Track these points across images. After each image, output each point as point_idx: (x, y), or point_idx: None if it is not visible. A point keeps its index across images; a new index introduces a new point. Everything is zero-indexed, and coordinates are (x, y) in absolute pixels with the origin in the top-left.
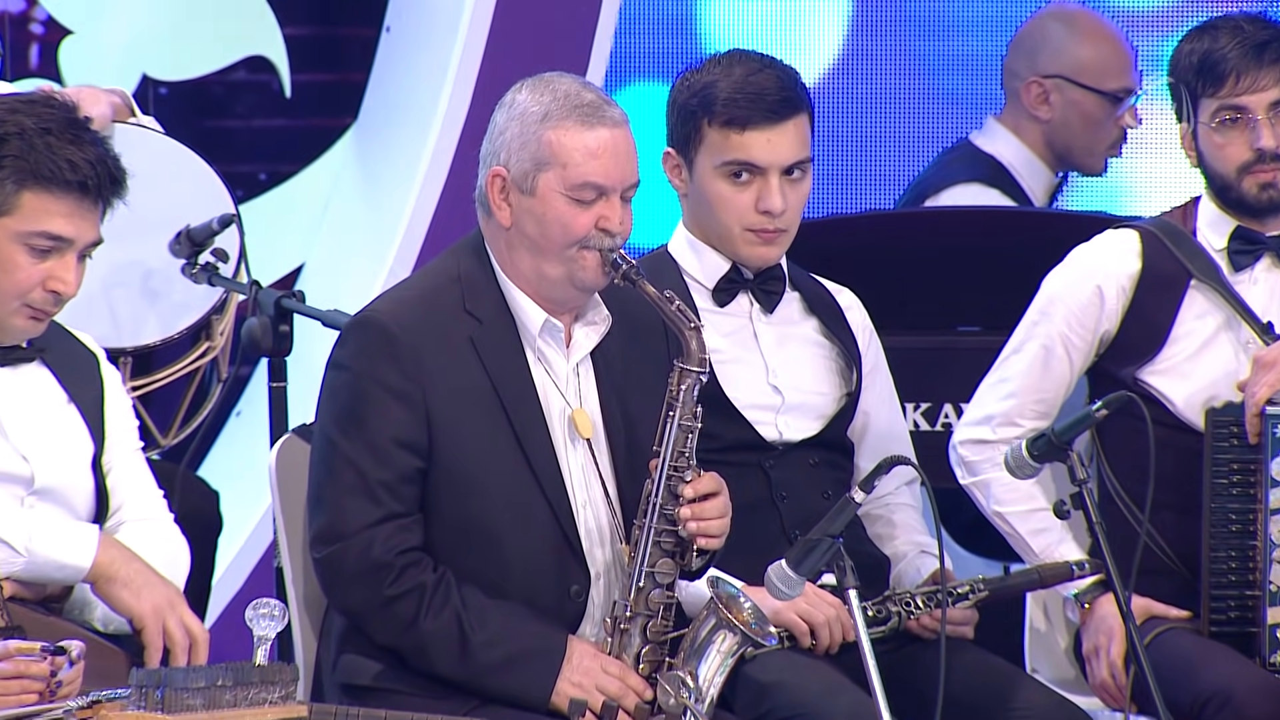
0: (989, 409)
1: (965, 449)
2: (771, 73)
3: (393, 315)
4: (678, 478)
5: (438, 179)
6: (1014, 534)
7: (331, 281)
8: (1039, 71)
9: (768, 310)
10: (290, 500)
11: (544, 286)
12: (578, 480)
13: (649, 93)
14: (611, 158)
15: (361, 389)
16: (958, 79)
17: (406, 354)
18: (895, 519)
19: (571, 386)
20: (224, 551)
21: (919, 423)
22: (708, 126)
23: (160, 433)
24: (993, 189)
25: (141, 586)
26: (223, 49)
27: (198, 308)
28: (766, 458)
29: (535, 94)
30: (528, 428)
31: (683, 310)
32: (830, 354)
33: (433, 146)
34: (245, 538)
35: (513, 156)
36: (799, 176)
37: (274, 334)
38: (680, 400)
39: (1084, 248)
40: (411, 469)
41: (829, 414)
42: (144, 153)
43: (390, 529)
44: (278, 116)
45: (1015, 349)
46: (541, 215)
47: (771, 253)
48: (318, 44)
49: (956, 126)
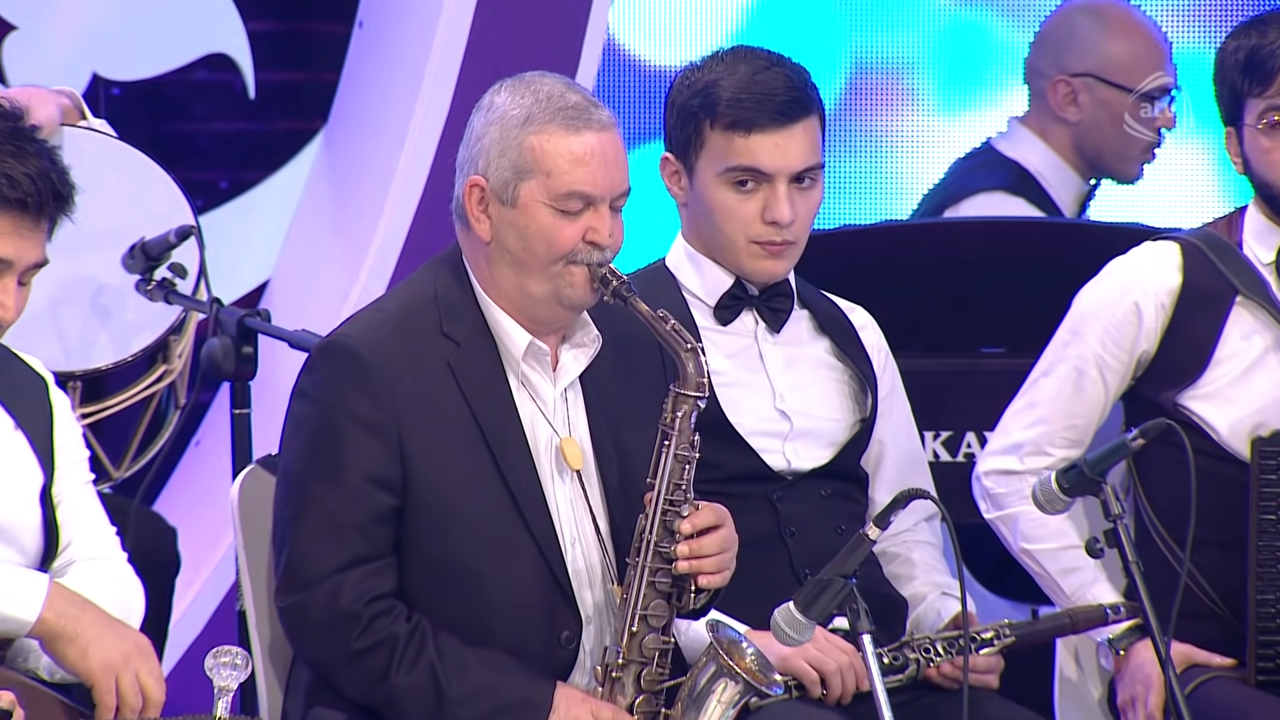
0: (1016, 437)
1: (990, 481)
2: (779, 71)
3: (364, 339)
4: (674, 512)
5: (414, 188)
6: (1043, 574)
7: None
8: (1066, 69)
9: (774, 329)
10: (254, 538)
11: (528, 305)
12: (566, 516)
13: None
14: (599, 164)
15: (330, 421)
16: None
17: (379, 382)
18: (914, 557)
19: (559, 414)
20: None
21: (939, 453)
22: (710, 129)
23: (112, 464)
24: (1017, 197)
25: (91, 643)
26: (181, 46)
27: (153, 328)
28: (773, 489)
29: (515, 96)
30: (511, 459)
31: (678, 330)
32: (842, 377)
33: (409, 152)
34: (205, 579)
35: (492, 164)
36: (809, 184)
37: (236, 356)
38: (676, 428)
39: (1119, 261)
40: (385, 508)
41: (841, 442)
42: (95, 159)
43: (359, 575)
44: (241, 119)
45: (1044, 372)
46: (524, 228)
47: (779, 267)
48: (284, 40)
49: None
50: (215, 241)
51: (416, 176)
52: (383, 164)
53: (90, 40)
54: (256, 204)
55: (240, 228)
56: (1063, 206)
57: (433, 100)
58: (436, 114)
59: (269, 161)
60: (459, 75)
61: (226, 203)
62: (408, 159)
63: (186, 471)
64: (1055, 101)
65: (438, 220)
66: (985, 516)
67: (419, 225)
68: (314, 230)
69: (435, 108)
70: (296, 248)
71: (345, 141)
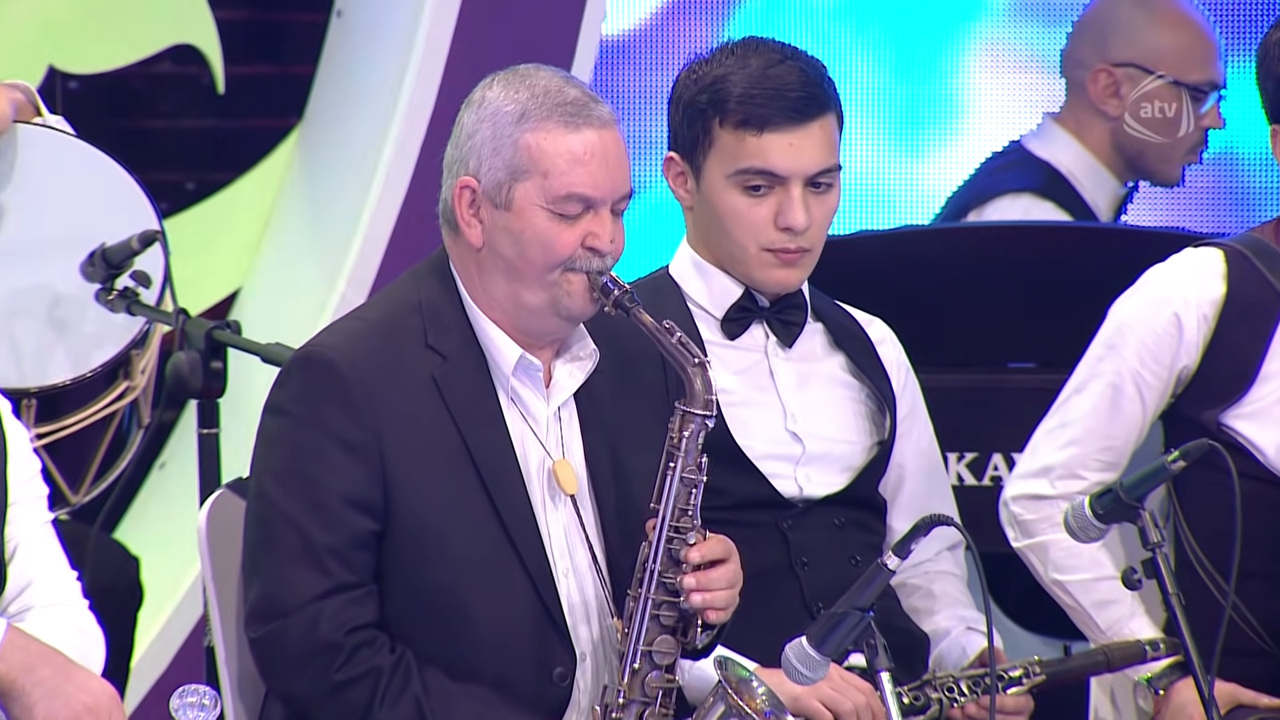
0: (1047, 459)
1: (1019, 506)
2: (794, 64)
3: (342, 351)
4: (680, 540)
5: (397, 190)
6: (1076, 607)
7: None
8: (1109, 59)
9: (786, 344)
10: (223, 568)
11: (521, 317)
12: (560, 544)
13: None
14: (600, 164)
15: (305, 438)
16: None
17: (358, 397)
18: (935, 589)
19: (552, 434)
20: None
21: (963, 476)
22: (719, 128)
23: (70, 488)
24: (1047, 201)
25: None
26: (144, 36)
27: (114, 341)
28: (784, 517)
29: (509, 90)
30: (501, 483)
31: (685, 343)
32: (859, 396)
33: (391, 152)
34: (170, 612)
35: (484, 164)
36: (826, 187)
37: (204, 372)
38: (682, 449)
39: (1158, 270)
40: (364, 532)
41: (858, 466)
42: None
43: (339, 603)
44: (209, 116)
45: (1077, 389)
46: (518, 233)
47: (792, 276)
48: (256, 31)
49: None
50: (181, 248)
51: (400, 178)
52: (363, 164)
53: (46, 30)
54: (226, 207)
55: (208, 233)
56: (1097, 211)
57: (417, 95)
58: (421, 110)
59: (239, 161)
60: (446, 67)
61: (194, 206)
62: (390, 159)
63: (150, 496)
64: (1095, 93)
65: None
66: (1013, 545)
67: (402, 230)
68: (288, 235)
69: (420, 103)
70: (269, 255)
71: (322, 139)
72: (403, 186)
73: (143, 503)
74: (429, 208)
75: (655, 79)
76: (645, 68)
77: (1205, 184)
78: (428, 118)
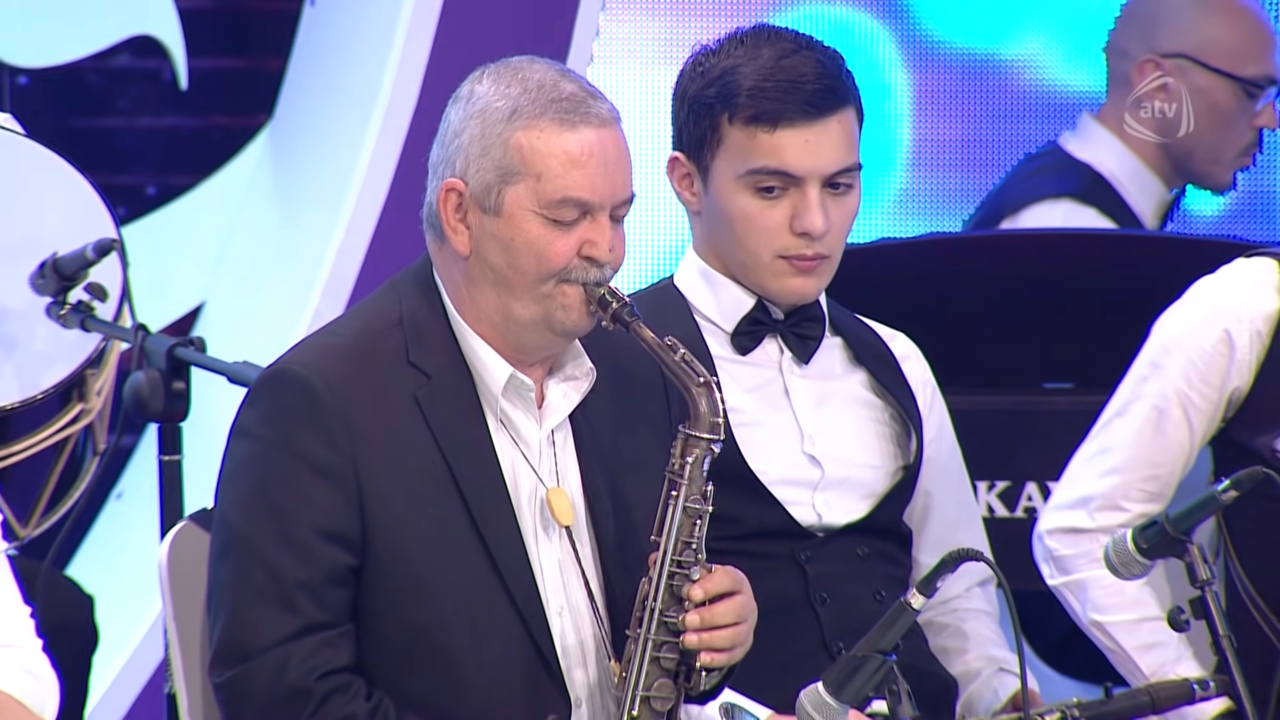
0: (1085, 489)
1: (1055, 540)
2: (810, 55)
3: (316, 368)
4: (682, 575)
5: (376, 194)
6: (1117, 650)
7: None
8: (1157, 49)
9: (802, 360)
10: (186, 606)
11: (511, 332)
12: (554, 580)
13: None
14: (598, 166)
15: (275, 464)
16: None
17: (333, 419)
18: (965, 629)
19: (546, 460)
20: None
21: (994, 506)
22: (728, 124)
23: (19, 520)
24: (1088, 206)
25: None
26: (100, 27)
27: (67, 360)
28: (801, 548)
29: (500, 84)
30: (489, 513)
31: (689, 361)
32: (882, 416)
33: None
34: (128, 655)
35: (471, 165)
36: (845, 189)
37: (165, 393)
38: (686, 475)
39: (1208, 282)
40: (340, 567)
41: (880, 492)
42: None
43: (311, 645)
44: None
45: (1119, 411)
46: (509, 240)
47: (809, 286)
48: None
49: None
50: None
51: (379, 180)
52: (339, 166)
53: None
54: (189, 213)
55: (170, 241)
56: (1141, 217)
57: (399, 90)
58: (403, 106)
59: (204, 163)
60: (430, 60)
61: (154, 211)
62: (369, 160)
63: (106, 529)
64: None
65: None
66: (1048, 582)
67: (382, 238)
68: (257, 244)
69: (402, 99)
70: (236, 265)
71: (295, 139)
72: (383, 190)
73: (98, 536)
74: (411, 213)
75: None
76: (647, 61)
77: (1258, 189)
78: (410, 115)
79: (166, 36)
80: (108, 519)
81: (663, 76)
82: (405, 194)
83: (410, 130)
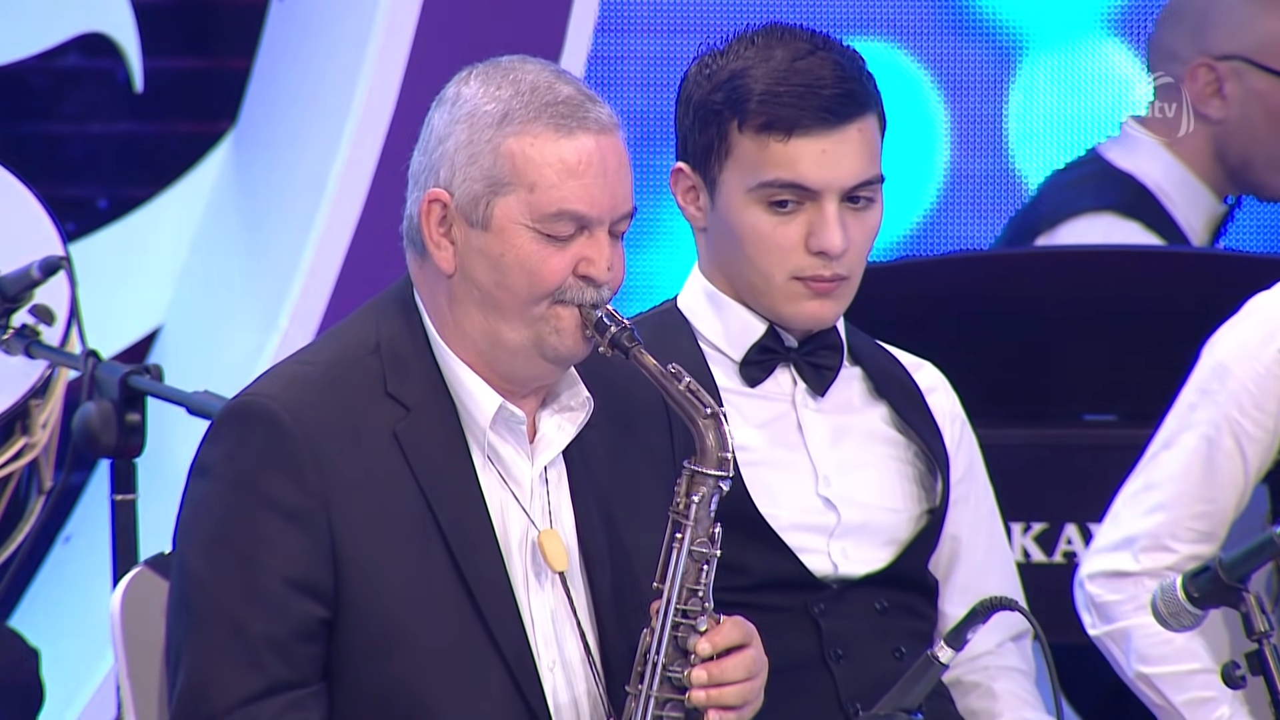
0: (1130, 528)
1: (1097, 586)
2: (827, 56)
3: (284, 401)
4: (688, 626)
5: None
6: (1165, 705)
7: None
8: (1211, 51)
9: (818, 392)
10: (141, 661)
11: (499, 358)
12: (546, 632)
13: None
14: (597, 176)
15: (240, 506)
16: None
17: (304, 457)
18: (996, 689)
19: (538, 500)
20: None
21: (1030, 551)
22: (737, 133)
23: None
24: (1131, 220)
25: None
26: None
27: (10, 389)
28: (816, 600)
29: (489, 86)
30: (475, 559)
31: (695, 391)
32: (905, 454)
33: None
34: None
35: (457, 174)
36: (865, 203)
37: (118, 426)
38: (691, 517)
39: (1262, 299)
40: (311, 620)
41: (903, 539)
42: None
43: (278, 705)
44: (125, 119)
45: (1166, 443)
46: (498, 257)
47: (826, 310)
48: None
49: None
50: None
51: (354, 192)
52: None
53: None
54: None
55: (124, 259)
56: (1190, 232)
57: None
58: (380, 110)
59: (161, 173)
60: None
61: (106, 227)
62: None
63: (53, 576)
64: (1194, 93)
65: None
66: (1090, 632)
67: (357, 255)
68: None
69: (379, 102)
70: (197, 285)
71: (260, 147)
72: (358, 202)
73: (44, 584)
74: (390, 227)
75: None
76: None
77: None
78: (388, 120)
79: (120, 34)
80: (54, 565)
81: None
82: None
83: (388, 136)
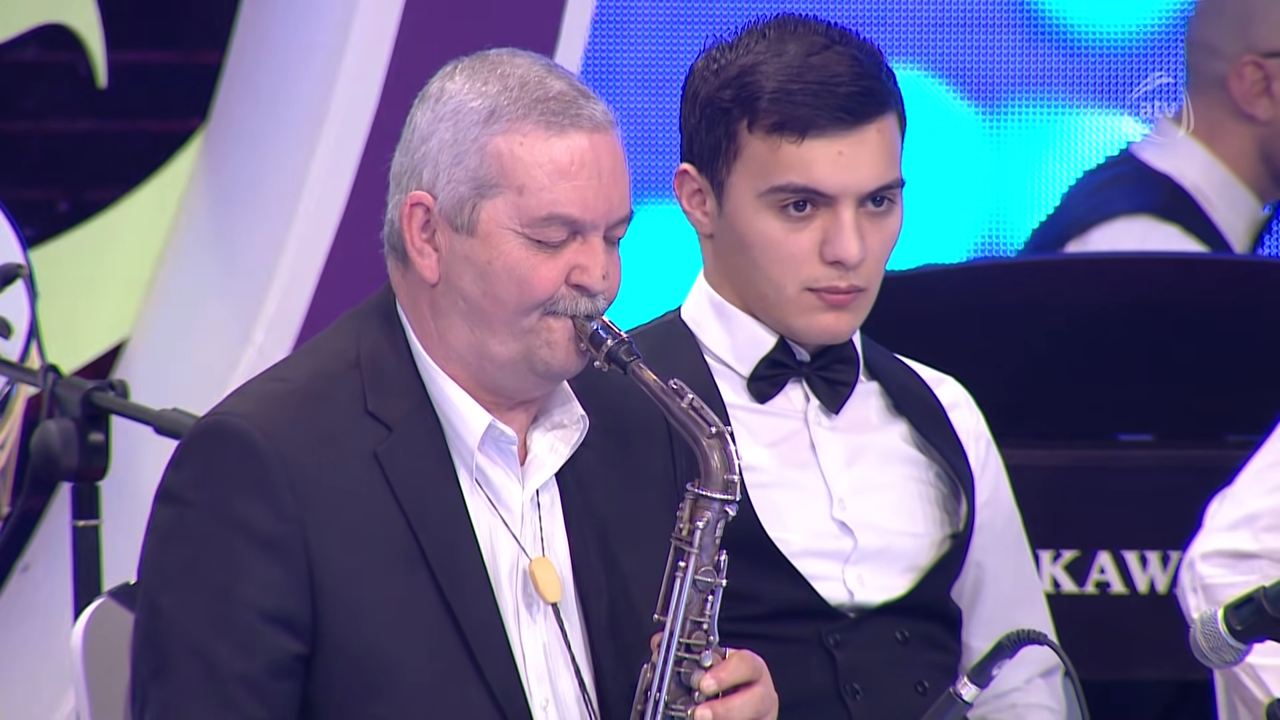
0: (1253, 505)
1: (1209, 565)
2: (844, 50)
3: (258, 420)
4: (692, 661)
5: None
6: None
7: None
8: (1257, 47)
9: (832, 409)
10: (104, 699)
11: (486, 372)
12: (538, 667)
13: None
14: (590, 178)
15: (210, 534)
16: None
17: (279, 480)
18: None
19: (529, 526)
20: None
21: (1060, 581)
22: (747, 133)
23: None
24: (1170, 224)
25: None
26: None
27: None
28: (831, 630)
29: (476, 81)
30: (462, 589)
31: (698, 408)
32: (926, 475)
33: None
34: None
35: (441, 176)
36: (885, 209)
37: (81, 446)
38: (695, 544)
39: None
40: (286, 656)
41: (924, 565)
42: None
43: None
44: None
45: None
46: (485, 264)
47: (841, 323)
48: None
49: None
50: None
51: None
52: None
53: None
54: (110, 234)
55: (87, 267)
56: (1231, 236)
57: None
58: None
59: (126, 174)
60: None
61: (68, 232)
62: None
63: (10, 607)
64: (1239, 92)
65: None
66: (1190, 615)
67: (336, 263)
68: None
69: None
70: (164, 295)
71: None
72: (337, 207)
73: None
74: (371, 233)
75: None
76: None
77: None
78: (369, 118)
79: (82, 25)
80: (11, 596)
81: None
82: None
83: (370, 135)
